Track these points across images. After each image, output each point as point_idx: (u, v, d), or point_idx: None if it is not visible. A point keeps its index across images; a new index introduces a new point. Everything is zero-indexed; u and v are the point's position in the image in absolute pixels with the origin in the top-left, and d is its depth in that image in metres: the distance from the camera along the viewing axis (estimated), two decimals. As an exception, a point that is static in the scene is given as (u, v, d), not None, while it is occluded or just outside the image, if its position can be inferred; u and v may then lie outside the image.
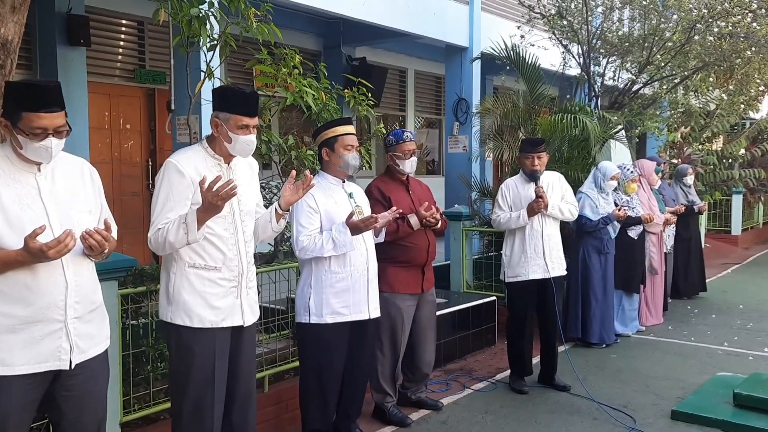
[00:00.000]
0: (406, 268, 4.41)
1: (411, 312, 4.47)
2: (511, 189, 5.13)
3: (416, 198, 4.48)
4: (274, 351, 4.50)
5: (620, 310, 6.78)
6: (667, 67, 7.68)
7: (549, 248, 5.00)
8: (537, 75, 7.31)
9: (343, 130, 3.87)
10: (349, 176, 3.93)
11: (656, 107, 8.67)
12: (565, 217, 5.07)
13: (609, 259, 6.36)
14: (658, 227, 7.14)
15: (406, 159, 4.42)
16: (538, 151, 4.98)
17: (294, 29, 10.62)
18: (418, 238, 4.38)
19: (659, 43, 7.42)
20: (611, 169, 6.33)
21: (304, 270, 3.86)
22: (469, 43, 9.70)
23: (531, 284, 5.02)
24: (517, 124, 7.24)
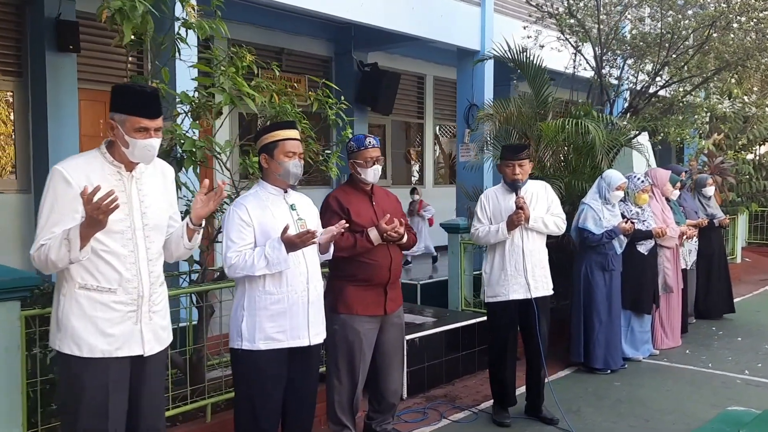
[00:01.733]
0: (365, 287, 3.99)
1: (372, 336, 4.04)
2: (491, 200, 4.68)
3: (380, 210, 4.06)
4: (219, 378, 4.13)
5: (629, 332, 6.22)
6: (685, 68, 7.09)
7: (531, 265, 4.53)
8: (542, 77, 6.81)
9: (284, 134, 3.48)
10: (292, 186, 3.54)
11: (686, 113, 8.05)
12: (551, 231, 4.58)
13: (614, 277, 5.83)
14: (673, 241, 6.55)
15: (368, 167, 4.01)
16: (520, 158, 4.52)
17: (304, 35, 10.37)
18: (378, 255, 3.96)
19: (677, 42, 6.84)
20: (617, 179, 5.80)
21: (238, 290, 3.48)
22: (480, 47, 9.25)
23: (512, 305, 4.55)
24: (521, 129, 6.75)
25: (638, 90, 7.33)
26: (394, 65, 11.62)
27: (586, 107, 6.42)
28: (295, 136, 3.51)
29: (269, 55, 10.03)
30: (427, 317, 5.92)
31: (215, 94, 3.85)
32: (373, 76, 10.57)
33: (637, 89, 7.34)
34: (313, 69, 10.71)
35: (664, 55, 6.90)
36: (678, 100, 7.33)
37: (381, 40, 10.09)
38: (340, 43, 10.80)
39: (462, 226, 6.60)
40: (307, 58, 10.60)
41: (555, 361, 6.10)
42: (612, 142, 6.43)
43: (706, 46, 6.82)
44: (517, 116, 6.60)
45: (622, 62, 7.47)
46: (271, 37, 9.94)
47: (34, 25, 7.41)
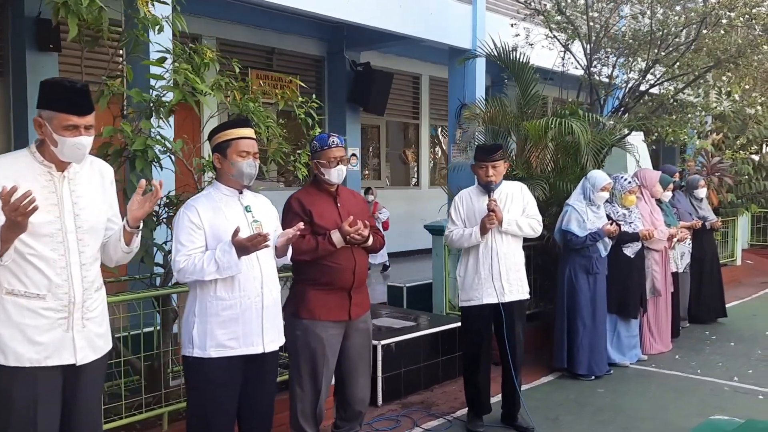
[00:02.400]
0: (328, 291, 3.85)
1: (336, 342, 3.90)
2: (465, 201, 4.53)
3: (345, 212, 3.92)
4: (178, 386, 4.01)
5: (615, 336, 6.06)
6: (676, 65, 6.90)
7: (505, 269, 4.38)
8: (529, 75, 6.66)
9: (238, 133, 3.34)
10: (246, 186, 3.41)
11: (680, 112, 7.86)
12: (526, 234, 4.43)
13: (599, 280, 5.67)
14: (661, 243, 6.38)
15: (332, 167, 3.87)
16: (493, 159, 4.37)
17: (296, 34, 10.26)
18: (341, 258, 3.83)
19: (668, 39, 6.66)
20: (601, 179, 5.64)
21: (190, 295, 3.35)
22: (472, 45, 9.08)
23: (485, 309, 4.40)
24: (507, 129, 6.60)
25: (629, 88, 7.15)
26: (388, 65, 11.49)
27: (572, 106, 6.26)
28: (249, 134, 3.38)
29: (260, 54, 9.95)
30: (407, 321, 5.77)
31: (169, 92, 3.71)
32: (365, 76, 10.45)
33: (628, 87, 7.16)
34: (305, 69, 10.61)
35: (654, 52, 6.72)
36: (668, 99, 7.15)
37: (373, 39, 9.97)
38: (332, 42, 10.69)
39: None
40: (299, 58, 10.49)
41: (538, 366, 5.95)
42: (600, 143, 6.26)
43: (696, 43, 6.64)
44: (503, 116, 6.44)
45: (614, 60, 7.30)
46: (262, 37, 9.84)
47: (14, 23, 7.34)
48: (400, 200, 12.02)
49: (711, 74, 6.69)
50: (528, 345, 6.32)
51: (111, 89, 3.56)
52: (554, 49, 7.57)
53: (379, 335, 5.20)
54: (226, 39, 9.41)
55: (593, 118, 6.15)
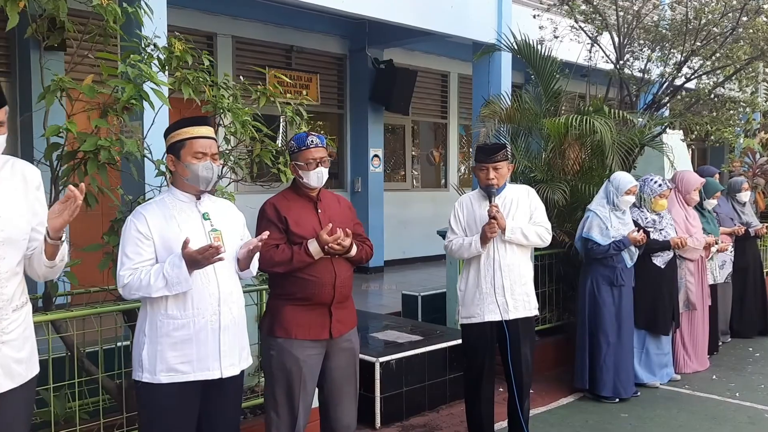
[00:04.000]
0: (306, 307, 3.46)
1: (315, 363, 3.51)
2: (465, 208, 4.10)
3: (326, 218, 3.53)
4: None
5: (644, 354, 5.53)
6: (713, 57, 6.31)
7: (510, 282, 3.93)
8: (551, 69, 6.17)
9: (192, 132, 2.99)
10: (203, 191, 3.04)
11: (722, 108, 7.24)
12: (532, 243, 3.97)
13: (624, 293, 5.15)
14: (697, 253, 5.81)
15: (310, 170, 3.49)
16: (494, 160, 3.92)
17: (317, 32, 9.93)
18: (320, 270, 3.43)
19: (705, 28, 6.08)
20: (626, 181, 5.13)
21: (140, 312, 3.01)
22: (497, 39, 8.60)
23: (487, 327, 3.96)
24: (526, 127, 6.12)
25: (662, 83, 6.58)
26: (414, 62, 11.08)
27: (597, 102, 5.74)
28: (207, 133, 3.01)
29: (278, 53, 9.65)
30: (413, 335, 5.36)
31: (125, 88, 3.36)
32: (387, 74, 10.05)
33: (661, 82, 6.59)
34: (326, 67, 10.28)
35: (691, 43, 6.15)
36: (705, 94, 6.55)
37: (396, 36, 9.58)
38: (354, 40, 10.33)
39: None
40: (320, 56, 10.15)
41: (559, 386, 5.48)
42: (628, 142, 5.73)
43: (736, 32, 6.05)
44: (522, 113, 5.97)
45: (648, 52, 6.73)
46: (281, 35, 9.54)
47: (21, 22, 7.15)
48: (427, 202, 11.60)
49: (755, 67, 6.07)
50: (550, 362, 5.93)
51: (59, 84, 3.23)
52: (582, 42, 7.03)
53: (378, 351, 4.80)
54: (243, 37, 9.14)
55: (620, 115, 5.62)
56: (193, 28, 8.62)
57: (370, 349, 4.91)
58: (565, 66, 7.37)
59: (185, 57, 3.68)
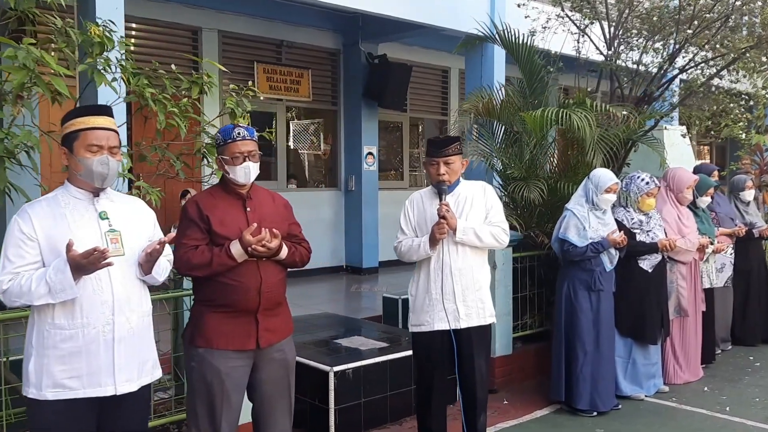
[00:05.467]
0: (229, 315, 3.18)
1: (240, 375, 3.22)
2: (416, 206, 3.78)
3: (256, 218, 3.24)
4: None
5: (630, 365, 5.16)
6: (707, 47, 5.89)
7: (462, 288, 3.60)
8: (534, 60, 5.81)
9: (87, 122, 2.71)
10: (99, 188, 2.76)
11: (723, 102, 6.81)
12: (487, 244, 3.63)
13: (603, 298, 4.80)
14: (690, 255, 5.43)
15: (236, 164, 3.20)
16: (445, 154, 3.60)
17: (309, 26, 9.65)
18: (244, 274, 3.14)
19: (699, 16, 5.67)
20: (606, 179, 4.77)
21: (29, 321, 2.74)
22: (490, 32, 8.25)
23: (437, 337, 3.64)
24: (507, 122, 5.78)
25: (654, 75, 6.18)
26: (411, 58, 10.74)
27: (580, 95, 5.38)
28: (105, 124, 2.73)
29: (268, 48, 9.38)
30: (380, 342, 5.05)
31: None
32: (380, 69, 9.73)
33: (653, 74, 6.18)
34: (318, 63, 9.99)
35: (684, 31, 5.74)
36: (698, 86, 6.14)
37: (390, 29, 9.27)
38: (348, 34, 10.02)
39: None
40: (312, 52, 9.87)
41: (535, 397, 5.15)
42: (613, 137, 5.37)
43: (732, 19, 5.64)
44: (501, 107, 5.62)
45: (641, 42, 6.33)
46: (270, 29, 9.27)
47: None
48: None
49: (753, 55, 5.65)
50: (530, 371, 5.59)
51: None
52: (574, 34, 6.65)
53: (334, 359, 4.50)
54: (229, 32, 8.89)
55: (603, 108, 5.25)
56: (176, 23, 8.42)
57: (326, 357, 4.62)
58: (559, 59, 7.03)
59: (109, 44, 3.40)
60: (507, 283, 5.41)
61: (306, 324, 5.76)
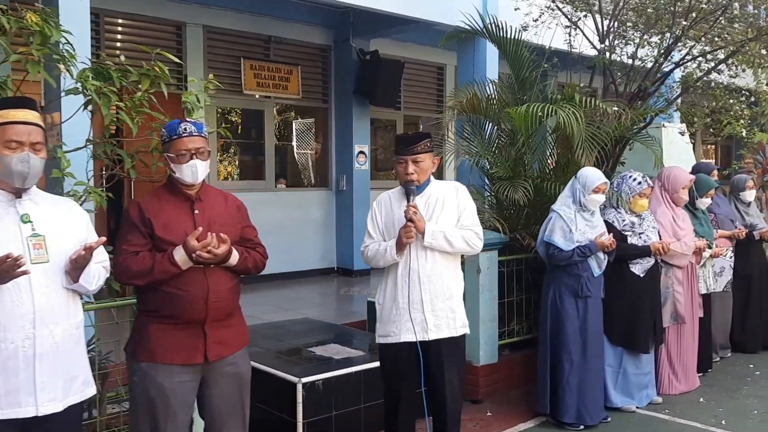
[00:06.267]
0: (174, 326, 2.93)
1: (187, 391, 2.98)
2: (384, 208, 3.52)
3: (205, 221, 3.00)
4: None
5: (621, 375, 4.88)
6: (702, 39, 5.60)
7: (430, 296, 3.34)
8: (522, 54, 5.54)
9: (6, 116, 2.46)
10: (20, 188, 2.51)
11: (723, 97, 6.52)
12: (458, 249, 3.37)
13: (591, 305, 4.53)
14: (686, 259, 5.15)
15: (182, 163, 2.96)
16: (414, 152, 3.34)
17: (298, 21, 9.38)
18: (189, 282, 2.90)
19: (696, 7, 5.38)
20: (594, 178, 4.51)
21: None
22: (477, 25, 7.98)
23: (404, 348, 3.38)
24: (493, 118, 5.51)
25: (649, 69, 5.89)
26: (405, 54, 10.47)
27: (569, 90, 5.11)
28: (26, 118, 2.49)
29: (254, 44, 9.13)
30: (357, 350, 4.80)
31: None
32: (372, 66, 9.47)
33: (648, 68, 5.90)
34: (308, 59, 9.73)
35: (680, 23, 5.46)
36: (694, 81, 5.84)
37: (382, 25, 9.00)
38: (338, 30, 9.76)
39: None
40: (301, 47, 9.60)
41: (520, 409, 4.90)
42: (603, 134, 5.10)
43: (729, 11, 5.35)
44: (487, 103, 5.36)
45: (640, 36, 6.05)
46: (258, 25, 9.01)
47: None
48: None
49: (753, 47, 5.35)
50: (517, 380, 5.33)
51: None
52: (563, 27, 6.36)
53: (303, 370, 4.25)
54: (215, 27, 8.63)
55: (592, 104, 4.98)
56: (159, 17, 8.18)
57: (295, 366, 4.36)
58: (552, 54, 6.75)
59: (51, 32, 3.15)
60: (492, 288, 5.15)
61: (282, 330, 5.51)
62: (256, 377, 4.36)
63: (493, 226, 4.93)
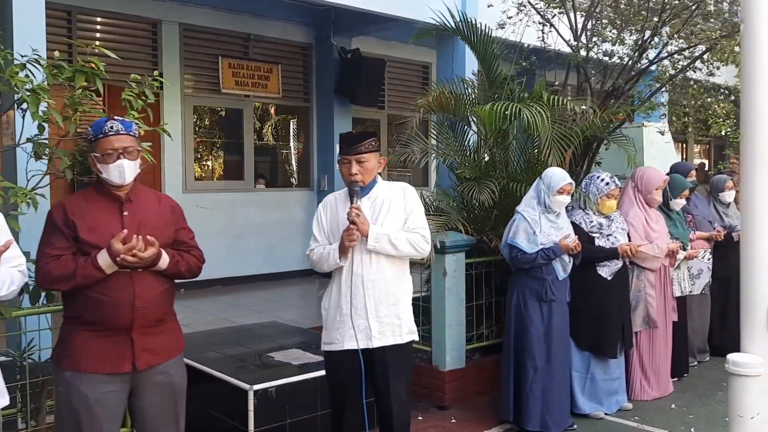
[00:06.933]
0: (99, 333, 2.81)
1: (113, 401, 2.86)
2: (329, 209, 3.39)
3: (135, 224, 2.87)
4: None
5: (588, 380, 4.75)
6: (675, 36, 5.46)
7: (374, 302, 3.21)
8: (492, 51, 5.41)
9: None
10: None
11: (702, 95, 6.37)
12: (403, 253, 3.23)
13: (555, 309, 4.40)
14: (657, 261, 5.02)
15: (109, 163, 2.83)
16: (357, 151, 3.21)
17: (279, 19, 9.26)
18: (113, 287, 2.77)
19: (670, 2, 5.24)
20: (558, 178, 4.38)
21: None
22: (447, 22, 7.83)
23: (347, 356, 3.24)
24: (463, 117, 5.38)
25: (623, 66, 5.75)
26: (388, 53, 10.36)
27: (538, 89, 4.98)
28: None
29: (233, 42, 9.01)
30: (318, 355, 4.64)
31: None
32: (353, 64, 9.34)
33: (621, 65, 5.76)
34: (289, 58, 9.61)
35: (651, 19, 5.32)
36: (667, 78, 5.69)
37: (364, 23, 8.88)
38: (319, 28, 9.64)
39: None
40: (282, 46, 9.48)
41: (487, 416, 4.78)
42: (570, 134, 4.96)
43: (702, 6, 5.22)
44: (455, 101, 5.23)
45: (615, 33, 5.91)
46: (236, 22, 8.88)
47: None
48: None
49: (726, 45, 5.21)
50: (485, 385, 5.18)
51: None
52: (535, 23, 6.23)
53: (255, 377, 4.12)
54: (191, 24, 8.50)
55: (562, 102, 4.84)
56: (133, 15, 8.05)
57: (248, 373, 4.23)
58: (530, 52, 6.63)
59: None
60: (459, 291, 5.02)
61: (246, 335, 5.38)
62: (210, 384, 4.31)
63: (456, 228, 4.79)
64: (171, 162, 8.30)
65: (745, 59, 2.96)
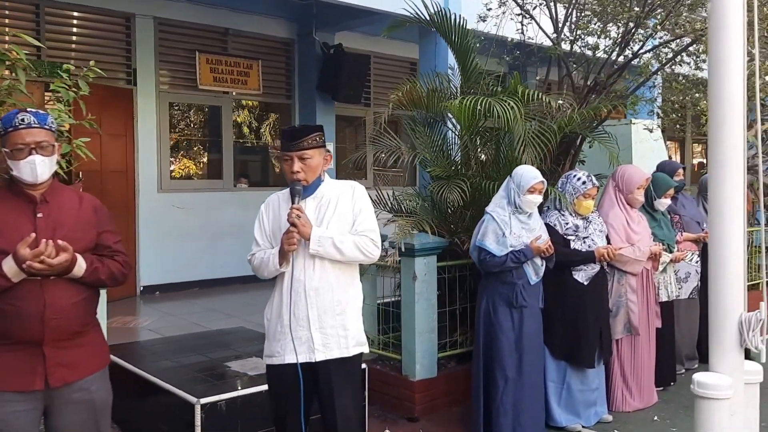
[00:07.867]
0: (7, 347, 2.55)
1: (24, 422, 2.59)
2: (272, 211, 3.13)
3: (49, 226, 2.61)
4: None
5: (564, 390, 4.48)
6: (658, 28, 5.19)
7: (318, 312, 2.95)
8: (468, 44, 5.15)
9: None
10: None
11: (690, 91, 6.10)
12: (349, 257, 2.96)
13: (527, 316, 4.13)
14: (639, 265, 4.75)
15: (19, 159, 2.58)
16: (299, 147, 2.95)
17: (259, 14, 9.01)
18: (21, 297, 2.52)
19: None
20: (529, 177, 4.11)
21: None
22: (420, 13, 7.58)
23: (289, 371, 2.97)
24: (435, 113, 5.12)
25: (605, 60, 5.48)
26: (374, 49, 10.12)
27: (514, 83, 4.71)
28: None
29: (210, 36, 8.76)
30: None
31: None
32: (335, 60, 9.08)
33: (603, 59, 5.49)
34: (270, 53, 9.36)
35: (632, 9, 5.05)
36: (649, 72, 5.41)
37: (346, 17, 8.64)
38: (302, 23, 9.38)
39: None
40: (262, 41, 9.23)
41: (458, 428, 4.49)
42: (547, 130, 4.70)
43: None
44: (427, 96, 4.96)
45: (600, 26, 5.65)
46: (213, 17, 8.63)
47: None
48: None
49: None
50: (459, 396, 4.90)
51: None
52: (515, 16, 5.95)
53: (203, 389, 3.86)
54: (166, 18, 8.25)
55: (537, 96, 4.58)
56: (105, 8, 7.80)
57: (198, 385, 3.97)
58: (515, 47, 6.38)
59: None
60: (430, 296, 4.76)
61: (207, 342, 5.13)
62: (157, 396, 4.05)
63: (422, 229, 4.53)
64: (145, 161, 8.05)
65: (712, 50, 2.67)
